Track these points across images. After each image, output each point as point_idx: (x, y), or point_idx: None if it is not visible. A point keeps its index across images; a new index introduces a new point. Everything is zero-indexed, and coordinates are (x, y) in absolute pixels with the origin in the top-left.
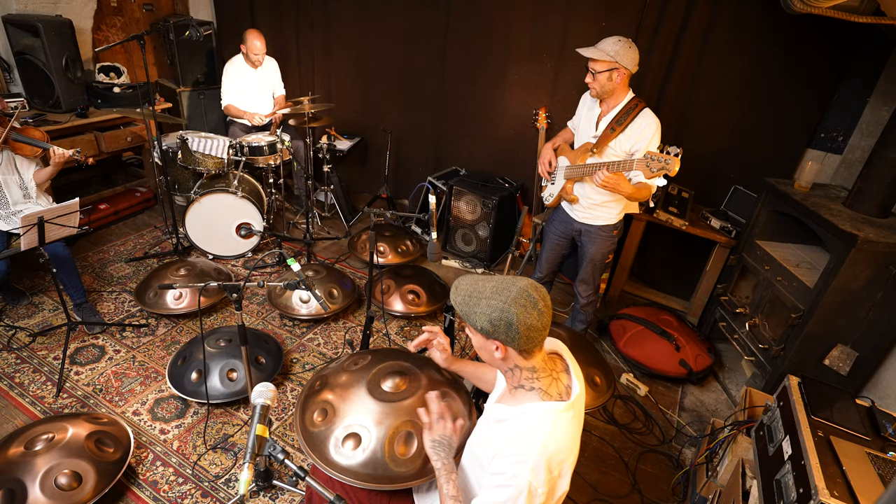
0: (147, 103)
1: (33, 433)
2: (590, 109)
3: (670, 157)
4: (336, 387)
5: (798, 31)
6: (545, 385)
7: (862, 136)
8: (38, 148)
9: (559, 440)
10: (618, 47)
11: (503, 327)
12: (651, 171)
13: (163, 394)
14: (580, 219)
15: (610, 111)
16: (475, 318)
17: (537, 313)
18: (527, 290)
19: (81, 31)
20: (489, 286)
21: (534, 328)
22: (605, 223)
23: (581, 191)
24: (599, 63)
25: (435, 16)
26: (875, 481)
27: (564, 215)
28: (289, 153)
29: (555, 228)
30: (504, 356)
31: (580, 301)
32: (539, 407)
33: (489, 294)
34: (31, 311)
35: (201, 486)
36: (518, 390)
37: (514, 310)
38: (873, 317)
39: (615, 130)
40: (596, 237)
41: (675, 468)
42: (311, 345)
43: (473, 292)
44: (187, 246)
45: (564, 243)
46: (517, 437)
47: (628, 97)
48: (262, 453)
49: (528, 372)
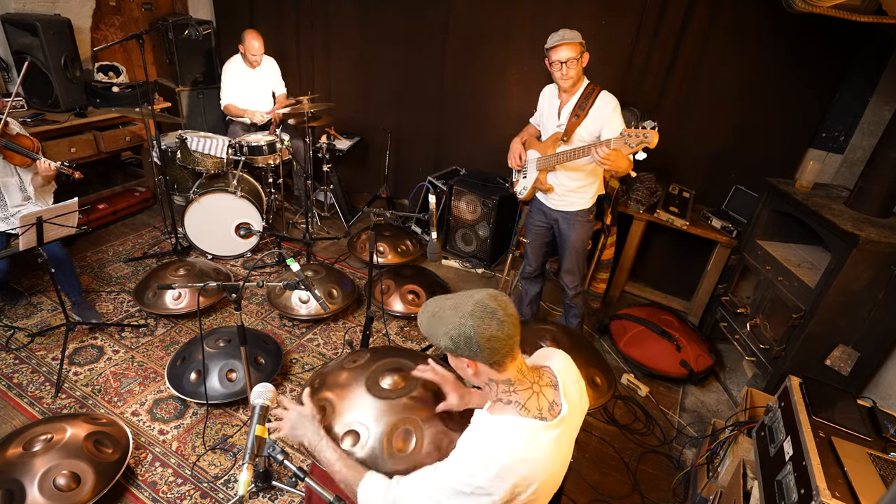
0: (146, 103)
1: (32, 434)
2: (550, 102)
3: (647, 130)
4: (335, 385)
5: (799, 31)
6: (523, 399)
7: (863, 136)
8: (29, 159)
9: (532, 459)
10: (577, 33)
11: (463, 343)
12: (630, 146)
13: (162, 394)
14: (556, 206)
15: (570, 99)
16: (438, 338)
17: (497, 323)
18: (483, 301)
19: (80, 30)
20: (447, 304)
21: (495, 338)
22: (581, 208)
23: (555, 179)
24: (575, 48)
25: (435, 15)
26: (876, 482)
27: (541, 205)
28: (288, 153)
29: (534, 219)
30: (475, 371)
31: (568, 293)
32: (515, 422)
33: (447, 312)
34: (29, 312)
35: (200, 486)
36: (497, 403)
37: (470, 323)
38: (875, 317)
39: (579, 117)
40: (574, 223)
41: (676, 469)
42: (310, 345)
43: (435, 312)
44: (186, 246)
45: (544, 231)
46: (486, 446)
47: (585, 83)
48: (262, 454)
49: (504, 385)
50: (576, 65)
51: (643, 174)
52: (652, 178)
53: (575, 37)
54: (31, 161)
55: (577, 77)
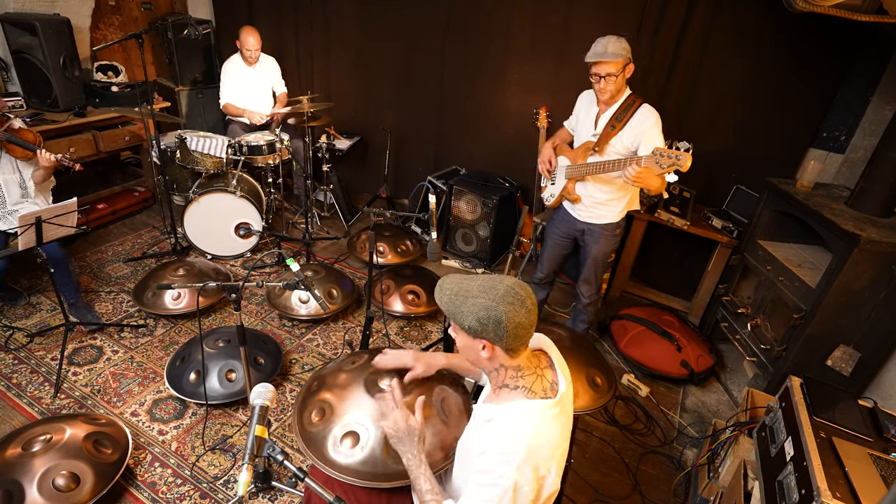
0: (145, 102)
1: (31, 434)
2: (588, 109)
3: (681, 152)
4: (334, 386)
5: (800, 31)
6: (529, 383)
7: (864, 136)
8: (30, 151)
9: (546, 438)
10: (623, 44)
11: (492, 325)
12: (661, 167)
13: (161, 394)
14: (583, 218)
15: (609, 108)
16: (462, 317)
17: (525, 311)
18: (513, 288)
19: (79, 29)
20: (475, 285)
21: (522, 326)
22: (609, 221)
23: (583, 190)
24: (617, 65)
25: (435, 14)
26: (878, 483)
27: (566, 215)
28: (288, 152)
29: (556, 228)
30: (490, 355)
31: (582, 301)
32: (524, 405)
33: (476, 293)
34: (28, 312)
35: (200, 487)
36: (502, 390)
37: (502, 308)
38: (876, 317)
39: (615, 128)
40: (599, 236)
41: (677, 469)
42: (310, 345)
43: (459, 291)
44: (186, 246)
45: (566, 243)
46: (503, 435)
47: (626, 94)
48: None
49: (512, 371)
50: (615, 80)
51: None
52: None
53: (617, 52)
54: (33, 154)
55: (616, 90)
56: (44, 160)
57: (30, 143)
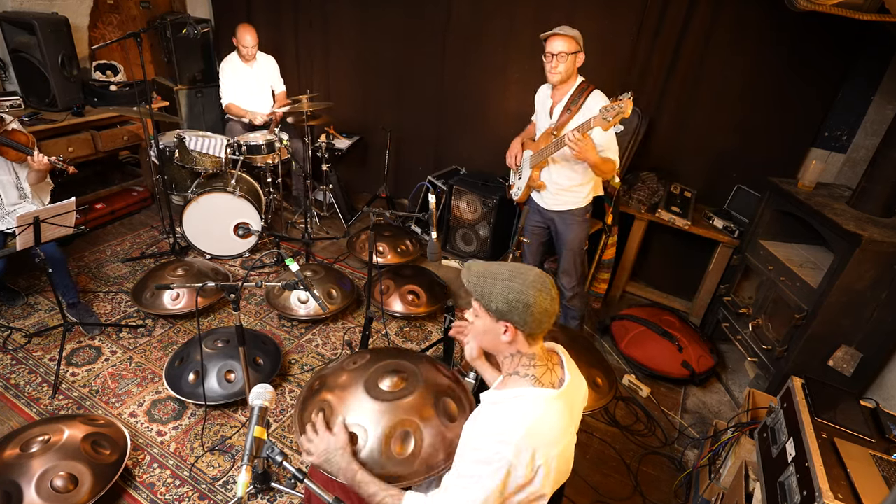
0: (144, 102)
1: (29, 435)
2: (544, 102)
3: (623, 99)
4: (334, 387)
5: (801, 30)
6: (539, 373)
7: (866, 135)
8: (23, 153)
9: (548, 426)
10: (576, 32)
11: (521, 308)
12: (607, 120)
13: (160, 395)
14: (550, 206)
15: (562, 97)
16: (490, 298)
17: (550, 299)
18: (541, 276)
19: (78, 28)
20: (505, 269)
21: (547, 312)
22: (575, 206)
23: (548, 177)
24: (570, 43)
25: (435, 13)
26: (879, 483)
27: (536, 206)
28: (287, 152)
29: (531, 219)
30: (511, 339)
31: (566, 295)
32: (531, 391)
33: (506, 276)
34: (26, 312)
35: (199, 488)
36: (512, 377)
37: (531, 292)
38: (878, 317)
39: (571, 111)
40: (569, 222)
41: (678, 470)
42: (309, 346)
43: (488, 274)
44: (184, 246)
45: (541, 231)
46: (505, 417)
47: (578, 81)
48: (261, 455)
49: (527, 359)
50: (566, 60)
51: (644, 173)
52: (653, 178)
53: (569, 32)
54: (26, 156)
55: (566, 74)
56: (37, 164)
57: (23, 145)
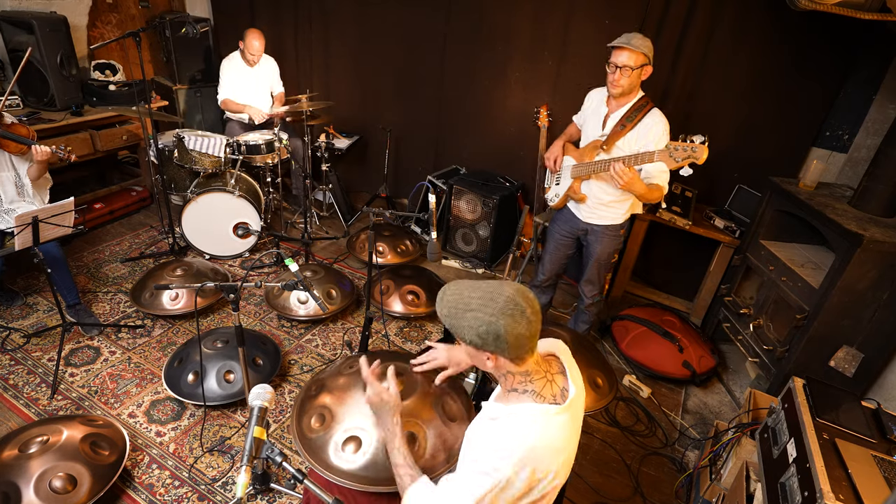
0: (143, 101)
1: (27, 436)
2: (596, 108)
3: (696, 143)
4: (333, 390)
5: (803, 29)
6: (539, 387)
7: (868, 135)
8: (24, 145)
9: (549, 443)
10: (648, 43)
11: (492, 339)
12: (675, 160)
13: (159, 396)
14: (586, 218)
15: (618, 109)
16: (462, 331)
17: (525, 322)
18: (514, 298)
19: (76, 27)
20: (475, 296)
21: (522, 337)
22: (612, 223)
23: (588, 189)
24: (637, 57)
25: (435, 12)
26: (881, 484)
27: (570, 215)
28: (286, 152)
29: (559, 228)
30: (495, 365)
31: (584, 301)
32: (531, 408)
33: (476, 306)
34: (25, 312)
35: (198, 489)
36: (512, 393)
37: (501, 322)
38: (879, 317)
39: (625, 127)
40: (602, 237)
41: (679, 471)
42: (309, 346)
43: (458, 304)
44: (184, 246)
45: (569, 243)
46: (506, 435)
47: (639, 95)
48: (260, 456)
49: (521, 376)
50: (630, 74)
51: None
52: None
53: (640, 45)
54: (27, 148)
55: (628, 88)
56: (39, 154)
57: (24, 137)
